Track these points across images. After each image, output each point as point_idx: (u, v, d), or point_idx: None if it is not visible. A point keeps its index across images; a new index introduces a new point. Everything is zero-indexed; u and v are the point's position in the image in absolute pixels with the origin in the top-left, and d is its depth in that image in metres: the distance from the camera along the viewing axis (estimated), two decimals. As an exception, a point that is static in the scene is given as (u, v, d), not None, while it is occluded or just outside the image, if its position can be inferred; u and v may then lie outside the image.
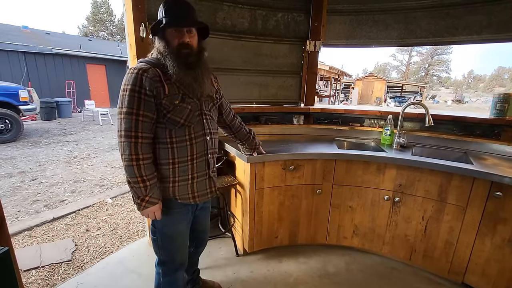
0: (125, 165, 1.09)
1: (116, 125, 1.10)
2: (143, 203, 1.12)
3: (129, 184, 1.11)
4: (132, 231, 2.52)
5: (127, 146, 1.07)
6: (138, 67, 1.09)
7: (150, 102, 1.09)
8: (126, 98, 1.07)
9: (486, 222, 1.62)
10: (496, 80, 50.84)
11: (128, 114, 1.06)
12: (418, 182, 1.81)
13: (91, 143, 6.32)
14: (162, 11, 1.14)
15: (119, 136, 1.08)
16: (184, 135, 1.16)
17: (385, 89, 24.34)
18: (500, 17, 1.94)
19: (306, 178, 1.97)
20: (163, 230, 1.24)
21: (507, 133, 1.95)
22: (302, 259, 2.09)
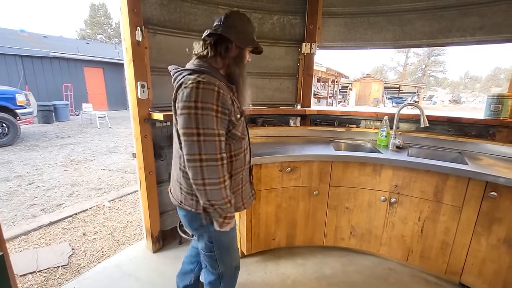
0: (210, 190, 0.99)
1: (185, 147, 0.97)
2: (226, 220, 1.06)
3: (212, 207, 1.02)
4: (130, 235, 2.51)
5: (214, 170, 0.98)
6: (212, 83, 0.98)
7: (225, 120, 1.03)
8: (202, 117, 0.95)
9: (482, 222, 1.63)
10: (492, 81, 51.19)
11: (210, 135, 0.97)
12: (414, 183, 1.82)
13: (88, 146, 6.30)
14: (250, 28, 1.13)
15: (198, 160, 0.96)
16: (241, 147, 1.17)
17: (382, 90, 24.44)
18: (493, 19, 1.96)
19: (303, 179, 1.98)
20: (221, 241, 1.21)
21: (502, 133, 1.97)
22: (299, 260, 2.09)
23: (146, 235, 2.16)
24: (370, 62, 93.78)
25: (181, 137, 0.98)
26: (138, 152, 1.95)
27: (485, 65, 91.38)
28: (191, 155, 0.97)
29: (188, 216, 1.17)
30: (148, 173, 1.98)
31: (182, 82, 1.00)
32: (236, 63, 1.12)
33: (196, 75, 0.99)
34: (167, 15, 1.96)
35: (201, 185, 0.98)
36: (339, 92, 22.71)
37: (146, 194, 2.00)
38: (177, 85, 1.02)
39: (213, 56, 1.09)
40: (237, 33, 1.07)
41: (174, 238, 2.29)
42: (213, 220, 1.07)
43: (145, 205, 2.05)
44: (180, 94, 0.98)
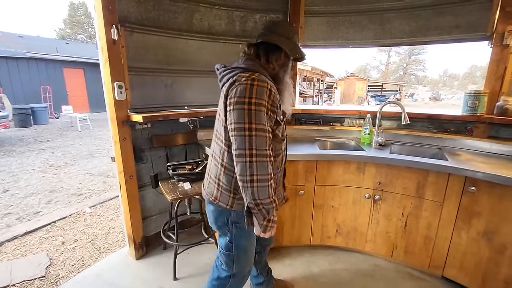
0: (259, 186, 0.97)
1: (235, 142, 0.98)
2: (270, 223, 1.03)
3: (257, 207, 0.99)
4: (112, 242, 2.42)
5: (264, 166, 0.97)
6: (265, 80, 1.02)
7: (272, 118, 1.06)
8: (255, 113, 0.97)
9: (462, 217, 1.67)
10: (469, 78, 53.42)
11: (261, 131, 0.98)
12: (396, 179, 1.85)
13: (69, 150, 6.06)
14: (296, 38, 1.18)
15: (249, 155, 0.95)
16: (280, 148, 1.20)
17: (366, 88, 24.96)
18: (468, 18, 2.01)
19: (289, 179, 1.95)
20: (240, 244, 1.22)
21: (479, 129, 2.03)
22: (287, 261, 2.08)
23: (128, 241, 2.09)
24: (354, 61, 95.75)
25: (232, 132, 0.99)
26: (117, 156, 1.88)
27: (462, 63, 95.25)
28: (241, 150, 0.96)
29: (216, 213, 1.19)
30: (128, 177, 1.90)
31: (235, 79, 1.02)
32: (284, 70, 1.19)
33: (250, 73, 1.03)
34: (145, 12, 1.89)
35: (249, 182, 0.97)
36: (325, 91, 23.02)
37: (127, 199, 1.93)
38: (229, 82, 1.04)
39: (265, 61, 1.14)
40: (287, 42, 1.12)
41: (158, 243, 2.23)
42: (256, 224, 1.04)
43: (126, 210, 1.97)
44: (233, 91, 1.00)
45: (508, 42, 1.87)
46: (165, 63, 2.04)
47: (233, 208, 1.13)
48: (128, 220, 1.99)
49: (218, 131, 1.14)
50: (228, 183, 1.12)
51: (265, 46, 1.12)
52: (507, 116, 1.84)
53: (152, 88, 2.01)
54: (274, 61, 1.14)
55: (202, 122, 2.30)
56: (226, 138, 1.07)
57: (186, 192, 1.78)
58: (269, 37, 1.11)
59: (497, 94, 1.96)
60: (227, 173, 1.11)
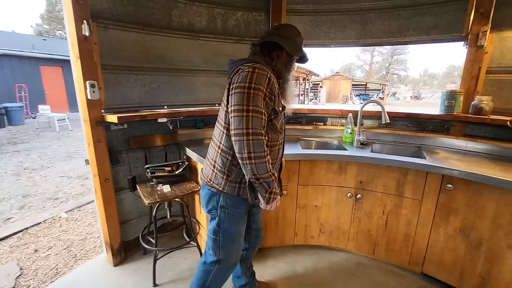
0: (256, 163, 1.06)
1: (234, 122, 1.06)
2: (272, 195, 1.14)
3: (258, 181, 1.09)
4: (88, 248, 2.31)
5: (260, 143, 1.06)
6: (266, 69, 1.10)
7: (269, 106, 1.12)
8: (253, 96, 1.05)
9: (440, 214, 1.70)
10: (448, 77, 55.57)
11: (257, 112, 1.06)
12: (377, 178, 1.86)
13: (45, 152, 5.79)
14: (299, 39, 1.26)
15: (246, 134, 1.04)
16: (277, 139, 1.24)
17: (350, 87, 25.45)
18: (445, 18, 2.06)
19: (271, 180, 1.94)
20: (227, 229, 1.27)
21: (455, 128, 2.08)
22: (270, 262, 2.06)
23: (106, 248, 2.00)
24: (339, 60, 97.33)
25: (232, 114, 1.07)
26: (91, 159, 1.78)
27: (441, 63, 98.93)
28: (239, 129, 1.04)
29: (208, 195, 1.26)
30: (103, 180, 1.82)
31: (239, 68, 1.11)
32: (286, 68, 1.26)
33: (253, 63, 1.12)
34: (120, 8, 1.81)
35: (247, 159, 1.05)
36: (311, 90, 23.25)
37: (102, 203, 1.84)
38: (233, 71, 1.13)
39: (270, 59, 1.22)
40: (288, 42, 1.21)
41: (138, 248, 2.15)
42: (260, 198, 1.15)
43: (102, 215, 1.89)
44: (236, 77, 1.09)
45: (482, 43, 1.92)
46: (143, 61, 1.96)
47: (225, 191, 1.19)
48: (105, 225, 1.90)
49: (220, 117, 1.21)
50: (223, 165, 1.18)
51: (267, 45, 1.22)
52: (481, 115, 1.90)
53: (129, 87, 1.92)
54: (276, 58, 1.22)
55: (182, 122, 2.24)
56: (225, 121, 1.15)
57: (165, 195, 1.72)
58: (271, 37, 1.21)
59: (472, 94, 2.02)
60: (222, 155, 1.18)
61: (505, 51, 1.90)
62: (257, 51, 1.25)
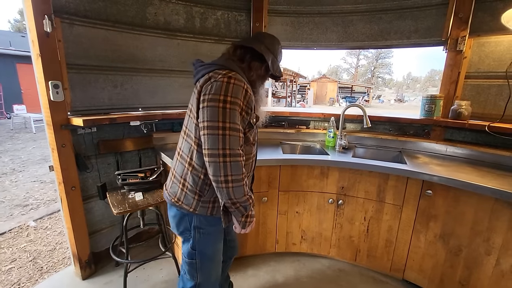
0: (233, 187, 0.95)
1: (207, 141, 0.93)
2: (249, 219, 1.05)
3: (234, 206, 0.99)
4: (57, 259, 2.15)
5: (237, 165, 0.95)
6: (242, 80, 0.99)
7: (245, 120, 1.03)
8: (230, 112, 0.94)
9: (420, 220, 1.68)
10: (429, 81, 57.53)
11: (235, 130, 0.95)
12: (358, 183, 1.83)
13: (18, 154, 5.48)
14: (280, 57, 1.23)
15: (222, 155, 0.92)
16: (251, 152, 1.15)
17: (337, 90, 25.84)
18: (426, 23, 2.06)
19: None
20: (204, 250, 1.16)
21: (435, 132, 2.08)
22: (250, 271, 1.98)
23: (73, 260, 1.86)
24: (326, 63, 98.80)
25: (204, 130, 0.94)
26: (55, 165, 1.65)
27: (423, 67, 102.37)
28: (214, 150, 0.93)
29: (178, 217, 1.14)
30: (70, 188, 1.69)
31: (211, 75, 0.98)
32: (260, 81, 1.18)
33: (227, 70, 0.99)
34: (88, 3, 1.69)
35: (224, 182, 0.94)
36: (298, 92, 23.44)
37: (68, 213, 1.71)
38: (204, 78, 0.99)
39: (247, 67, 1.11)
40: (272, 59, 1.15)
41: (110, 259, 2.01)
42: (235, 222, 1.05)
43: (69, 226, 1.75)
44: (209, 87, 0.95)
45: (461, 48, 1.93)
46: (114, 61, 1.84)
47: (197, 212, 1.07)
48: (72, 236, 1.77)
49: (188, 128, 1.07)
50: (194, 184, 1.06)
51: (251, 53, 1.12)
52: (460, 119, 1.90)
53: (99, 88, 1.80)
54: (254, 69, 1.13)
55: (158, 125, 2.13)
56: (196, 136, 1.02)
57: (136, 204, 1.61)
58: (259, 47, 1.11)
59: (452, 98, 2.02)
60: (194, 173, 1.05)
61: (483, 56, 1.92)
62: (233, 55, 1.12)
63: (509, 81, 1.81)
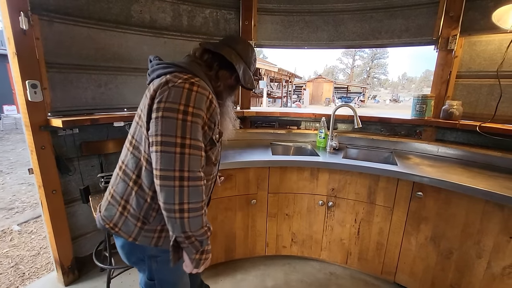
0: (190, 217, 0.78)
1: (159, 159, 0.76)
2: (204, 256, 0.85)
3: (188, 240, 0.80)
4: (40, 265, 2.08)
5: (198, 191, 0.79)
6: (207, 88, 0.84)
7: (208, 136, 0.88)
8: (191, 125, 0.78)
9: (411, 222, 1.65)
10: (424, 82, 58.06)
11: (197, 148, 0.80)
12: (349, 185, 1.79)
13: (7, 156, 5.37)
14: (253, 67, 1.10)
15: (179, 178, 0.75)
16: (211, 173, 1.00)
17: (333, 90, 25.92)
18: (416, 21, 2.03)
19: (239, 188, 1.82)
20: (165, 278, 0.99)
21: (427, 132, 2.06)
22: (239, 275, 1.93)
23: (56, 265, 1.80)
24: (323, 63, 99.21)
25: (156, 146, 0.77)
26: (35, 167, 1.59)
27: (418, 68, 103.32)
28: (169, 171, 0.75)
29: (127, 247, 0.95)
30: (50, 192, 1.62)
31: (169, 79, 0.82)
32: (229, 92, 1.05)
33: (190, 75, 0.84)
34: (70, 0, 1.63)
35: (179, 211, 0.76)
36: (294, 92, 23.47)
37: (49, 217, 1.65)
38: (159, 80, 0.83)
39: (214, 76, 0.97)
40: (244, 68, 1.02)
41: (95, 265, 1.95)
42: (187, 259, 0.85)
43: (50, 230, 1.69)
44: (165, 93, 0.79)
45: (452, 47, 1.91)
46: (98, 59, 1.78)
47: (137, 242, 0.88)
48: (53, 242, 1.71)
49: (135, 139, 0.89)
50: (138, 208, 0.87)
51: (220, 60, 0.97)
52: (452, 120, 1.88)
53: (81, 88, 1.74)
54: (223, 79, 0.99)
55: (145, 126, 2.07)
56: (146, 150, 0.84)
57: (119, 208, 1.55)
58: (230, 55, 0.97)
59: (443, 98, 2.00)
60: (139, 194, 0.87)
61: (474, 55, 1.90)
62: (200, 58, 0.97)
63: (500, 81, 1.79)
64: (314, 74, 48.35)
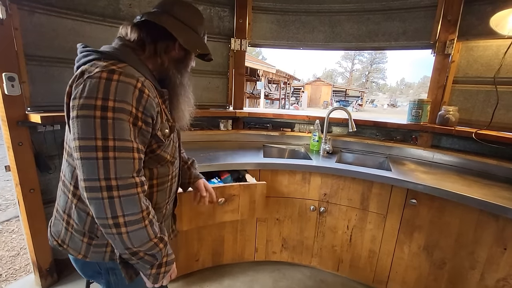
0: (129, 232, 0.67)
1: (82, 168, 0.64)
2: (163, 269, 0.75)
3: (135, 256, 0.70)
4: (19, 266, 2.00)
5: (133, 201, 0.67)
6: (135, 76, 0.68)
7: (147, 133, 0.72)
8: (114, 123, 0.64)
9: (404, 230, 1.60)
10: (422, 87, 58.49)
11: (125, 150, 0.66)
12: (341, 190, 1.73)
13: (-5, 152, 5.24)
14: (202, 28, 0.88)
15: (106, 188, 0.63)
16: (168, 174, 0.87)
17: (331, 93, 25.98)
18: (414, 24, 1.99)
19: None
20: None
21: (423, 138, 2.01)
22: (227, 281, 1.86)
23: (33, 268, 1.71)
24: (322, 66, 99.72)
25: (77, 152, 0.64)
26: (11, 165, 1.51)
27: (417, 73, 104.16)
28: (94, 181, 0.63)
29: (79, 263, 0.84)
30: (28, 191, 1.54)
31: (86, 69, 0.67)
32: (177, 68, 0.85)
33: (111, 62, 0.68)
34: (54, -9, 1.56)
35: (114, 226, 0.65)
36: (292, 94, 23.48)
37: (26, 217, 1.57)
38: (75, 74, 0.69)
39: (151, 53, 0.81)
40: (185, 30, 0.81)
41: (76, 267, 1.87)
42: (143, 276, 0.76)
43: (27, 231, 1.61)
44: (79, 87, 0.64)
45: (449, 52, 1.87)
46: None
47: (88, 259, 0.78)
48: (30, 243, 1.63)
49: (68, 144, 0.75)
50: (80, 222, 0.76)
51: (151, 30, 0.79)
52: (448, 125, 1.83)
53: (64, 83, 1.60)
54: (163, 52, 0.81)
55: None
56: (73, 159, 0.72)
57: (100, 209, 1.48)
58: (159, 18, 0.78)
59: (439, 103, 1.96)
60: (79, 207, 0.75)
61: (472, 60, 1.86)
62: (132, 40, 0.79)
63: (497, 87, 1.75)
64: (313, 77, 48.52)
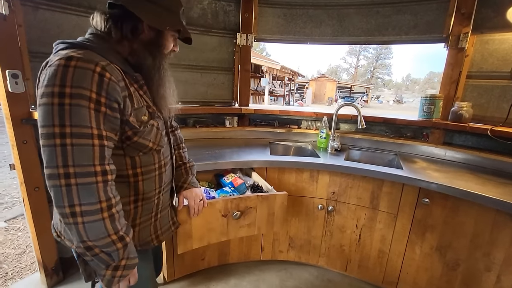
0: (86, 222, 0.66)
1: (45, 156, 0.64)
2: (119, 271, 0.72)
3: (89, 251, 0.69)
4: (24, 264, 2.00)
5: (90, 190, 0.66)
6: (92, 60, 0.67)
7: (114, 119, 0.71)
8: (71, 109, 0.63)
9: (416, 230, 1.55)
10: (428, 83, 57.73)
11: (83, 137, 0.65)
12: (350, 189, 1.69)
13: (1, 149, 5.28)
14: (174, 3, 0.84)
15: (63, 176, 0.63)
16: (154, 162, 0.86)
17: (336, 89, 25.75)
18: (425, 18, 1.92)
19: (234, 189, 1.72)
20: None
21: (434, 135, 1.95)
22: (233, 281, 1.84)
23: (39, 267, 1.71)
24: (326, 62, 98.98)
25: (40, 140, 0.65)
26: (16, 163, 1.50)
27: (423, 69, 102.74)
28: (52, 168, 0.63)
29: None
30: (33, 189, 1.54)
31: (48, 60, 0.69)
32: (149, 50, 0.82)
33: (72, 50, 0.68)
34: (57, -14, 1.53)
35: (71, 216, 0.65)
36: (297, 91, 23.33)
37: (31, 216, 1.56)
38: (42, 64, 0.71)
39: (118, 38, 0.79)
40: (153, 9, 0.78)
41: (81, 265, 1.86)
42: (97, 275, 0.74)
43: (33, 230, 1.60)
44: (41, 77, 0.67)
45: (463, 45, 1.80)
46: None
47: None
48: (36, 242, 1.62)
49: None
50: None
51: (115, 14, 0.78)
52: (461, 122, 1.77)
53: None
54: (129, 34, 0.79)
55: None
56: None
57: (105, 208, 1.46)
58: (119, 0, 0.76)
59: (452, 99, 1.89)
60: None
61: (487, 54, 1.79)
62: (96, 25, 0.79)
63: (514, 82, 1.68)
64: (317, 73, 48.22)
